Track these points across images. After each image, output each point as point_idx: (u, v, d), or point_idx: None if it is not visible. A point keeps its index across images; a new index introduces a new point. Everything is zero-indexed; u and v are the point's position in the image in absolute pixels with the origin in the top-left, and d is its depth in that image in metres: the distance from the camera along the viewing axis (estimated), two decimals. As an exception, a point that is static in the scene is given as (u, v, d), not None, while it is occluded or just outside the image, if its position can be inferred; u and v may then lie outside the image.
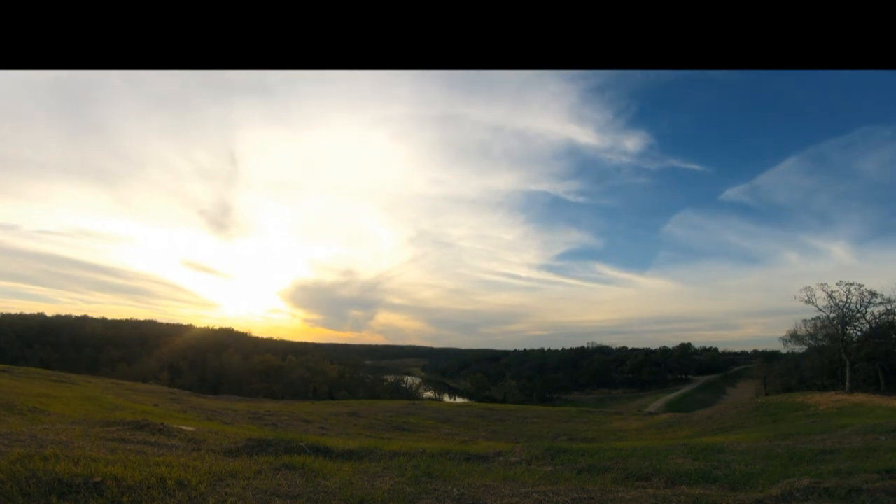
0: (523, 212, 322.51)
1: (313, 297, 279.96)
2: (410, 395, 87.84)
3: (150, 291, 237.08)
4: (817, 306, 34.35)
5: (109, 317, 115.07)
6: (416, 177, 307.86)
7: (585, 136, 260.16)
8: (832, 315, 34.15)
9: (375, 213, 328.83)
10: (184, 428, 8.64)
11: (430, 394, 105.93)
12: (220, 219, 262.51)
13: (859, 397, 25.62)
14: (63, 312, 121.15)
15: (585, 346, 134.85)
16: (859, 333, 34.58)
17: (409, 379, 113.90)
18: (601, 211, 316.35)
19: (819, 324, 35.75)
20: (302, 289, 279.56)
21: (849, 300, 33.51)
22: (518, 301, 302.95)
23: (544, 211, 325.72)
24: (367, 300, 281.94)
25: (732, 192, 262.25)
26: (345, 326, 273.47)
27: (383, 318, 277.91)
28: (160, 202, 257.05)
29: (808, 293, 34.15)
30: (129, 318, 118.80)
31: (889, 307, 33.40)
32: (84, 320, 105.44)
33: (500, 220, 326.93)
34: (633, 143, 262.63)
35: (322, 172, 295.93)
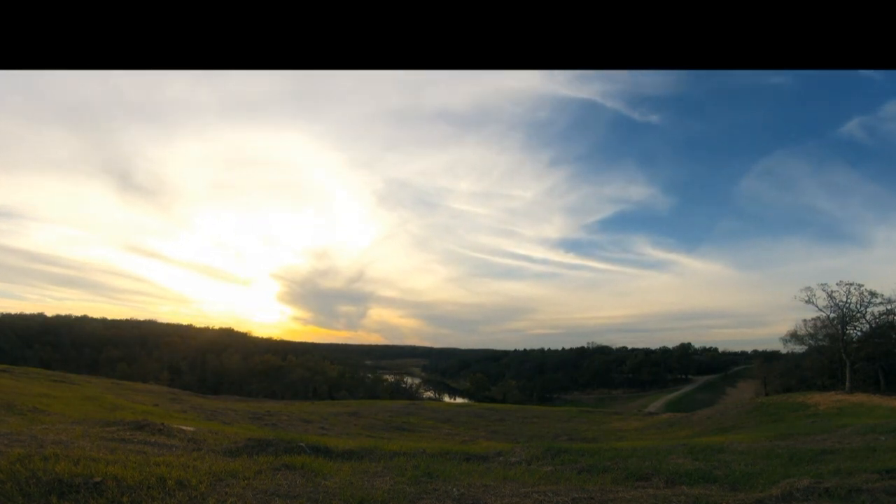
0: (553, 143, 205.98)
1: (294, 291, 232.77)
2: (410, 395, 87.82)
3: (107, 285, 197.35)
4: (817, 306, 34.41)
5: (76, 314, 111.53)
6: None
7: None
8: (832, 315, 34.20)
9: (316, 148, 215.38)
10: (184, 428, 8.64)
11: (430, 394, 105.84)
12: (128, 176, 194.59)
13: (859, 397, 25.62)
14: (22, 310, 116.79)
15: (585, 345, 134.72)
16: (859, 333, 34.62)
17: (409, 379, 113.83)
18: (685, 143, 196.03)
19: (819, 324, 35.83)
20: (279, 279, 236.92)
21: (849, 300, 33.58)
22: (528, 293, 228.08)
23: (592, 142, 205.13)
24: (354, 293, 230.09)
25: (853, 126, 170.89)
26: (337, 325, 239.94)
27: (376, 313, 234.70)
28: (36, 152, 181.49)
29: (808, 293, 34.21)
30: (128, 318, 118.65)
31: (889, 307, 33.50)
32: (84, 320, 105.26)
33: (513, 164, 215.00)
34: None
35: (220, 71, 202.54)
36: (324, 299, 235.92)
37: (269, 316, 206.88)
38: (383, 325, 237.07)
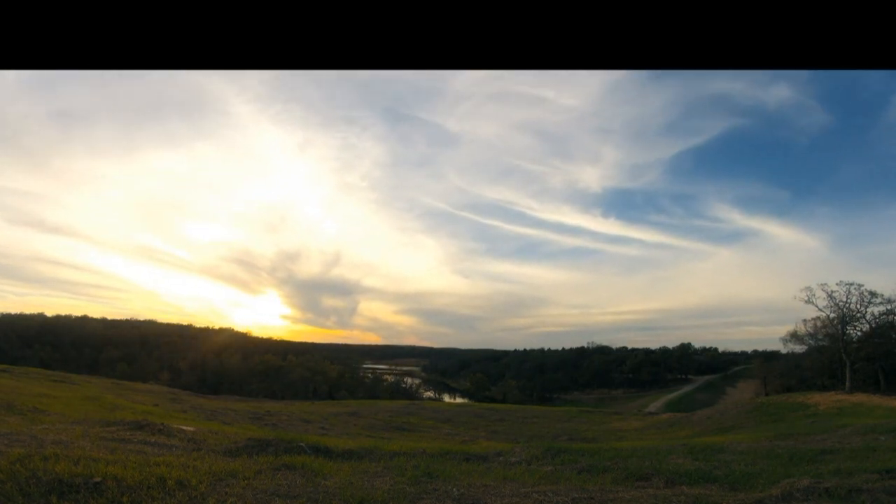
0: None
1: (263, 279, 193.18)
2: (410, 395, 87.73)
3: (45, 276, 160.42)
4: (817, 306, 34.39)
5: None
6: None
7: None
8: (832, 315, 34.18)
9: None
10: (184, 428, 8.63)
11: (430, 394, 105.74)
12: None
13: (859, 397, 25.63)
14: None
15: (585, 345, 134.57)
16: (859, 333, 34.61)
17: (408, 379, 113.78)
18: None
19: (819, 324, 35.82)
20: (243, 265, 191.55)
21: (849, 300, 33.56)
22: (544, 279, 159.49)
23: None
24: (336, 282, 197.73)
25: None
26: (328, 323, 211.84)
27: (367, 309, 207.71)
28: None
29: (808, 293, 34.21)
30: (129, 317, 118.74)
31: (889, 307, 33.49)
32: (84, 320, 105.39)
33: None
34: None
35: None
36: (305, 291, 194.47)
37: (248, 313, 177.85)
38: (377, 322, 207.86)
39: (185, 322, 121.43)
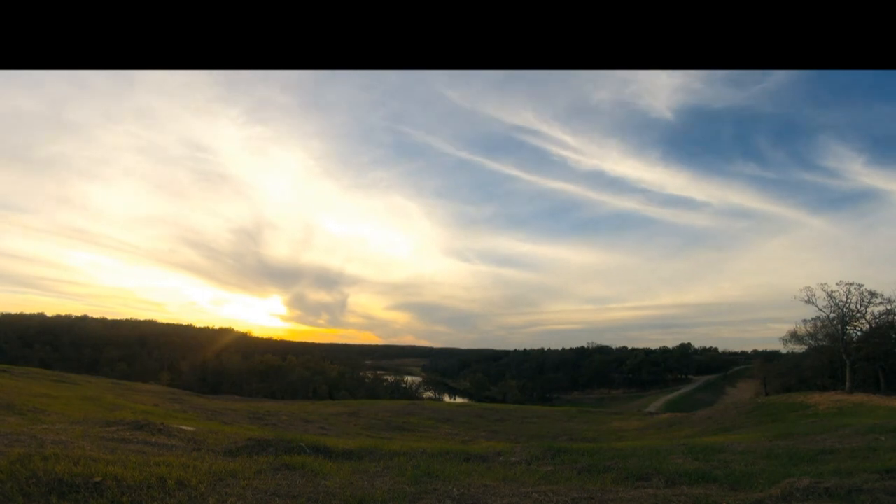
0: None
1: (229, 266, 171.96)
2: (410, 395, 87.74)
3: None
4: (817, 306, 34.35)
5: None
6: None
7: None
8: (832, 315, 34.13)
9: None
10: (184, 428, 8.63)
11: (430, 394, 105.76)
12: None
13: (859, 397, 25.63)
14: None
15: (585, 345, 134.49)
16: (859, 333, 34.56)
17: (409, 379, 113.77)
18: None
19: (819, 324, 35.72)
20: (200, 248, 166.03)
21: (849, 300, 33.51)
22: (568, 262, 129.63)
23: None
24: (314, 271, 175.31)
25: None
26: (320, 321, 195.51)
27: (357, 304, 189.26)
28: None
29: (808, 293, 34.17)
30: (129, 318, 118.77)
31: (889, 307, 33.40)
32: (84, 320, 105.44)
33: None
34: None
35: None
36: (283, 282, 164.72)
37: (233, 309, 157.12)
38: (372, 319, 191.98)
39: (184, 322, 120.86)
